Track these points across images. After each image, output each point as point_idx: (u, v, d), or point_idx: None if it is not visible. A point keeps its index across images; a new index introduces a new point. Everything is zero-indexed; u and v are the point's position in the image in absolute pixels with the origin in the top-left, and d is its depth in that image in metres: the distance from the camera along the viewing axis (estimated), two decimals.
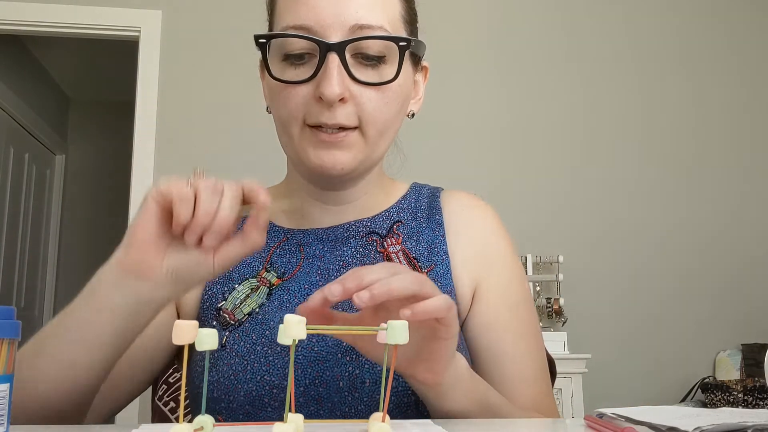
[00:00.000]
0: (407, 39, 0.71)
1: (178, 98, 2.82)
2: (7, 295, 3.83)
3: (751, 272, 2.90)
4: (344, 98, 0.69)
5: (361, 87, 0.70)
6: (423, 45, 0.77)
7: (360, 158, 0.72)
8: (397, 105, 0.74)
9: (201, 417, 0.52)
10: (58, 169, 4.71)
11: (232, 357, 0.72)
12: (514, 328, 0.78)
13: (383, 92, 0.71)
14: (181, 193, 0.56)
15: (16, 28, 2.87)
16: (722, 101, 3.03)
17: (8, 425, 0.50)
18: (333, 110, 0.69)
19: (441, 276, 0.78)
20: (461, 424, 0.61)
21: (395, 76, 0.71)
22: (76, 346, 0.60)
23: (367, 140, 0.72)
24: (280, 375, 0.70)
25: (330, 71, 0.68)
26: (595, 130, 2.96)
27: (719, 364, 2.78)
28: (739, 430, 0.48)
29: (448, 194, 0.87)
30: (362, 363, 0.70)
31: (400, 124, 0.78)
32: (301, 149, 0.72)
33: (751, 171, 2.99)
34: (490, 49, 2.98)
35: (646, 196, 2.92)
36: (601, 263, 2.84)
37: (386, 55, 0.71)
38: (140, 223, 0.57)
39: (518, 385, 0.76)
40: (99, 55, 4.09)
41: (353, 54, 0.70)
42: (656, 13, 3.06)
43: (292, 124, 0.72)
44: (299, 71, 0.71)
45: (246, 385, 0.70)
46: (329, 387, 0.70)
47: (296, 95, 0.70)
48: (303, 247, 0.79)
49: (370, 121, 0.71)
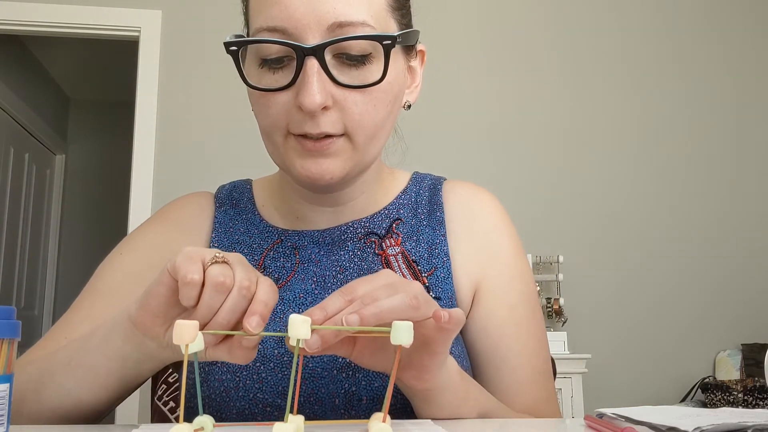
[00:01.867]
0: (391, 37, 0.64)
1: (178, 98, 2.82)
2: (7, 295, 3.83)
3: (750, 272, 2.90)
4: (327, 106, 0.64)
5: (345, 90, 0.64)
6: (414, 33, 0.70)
7: (349, 165, 0.68)
8: (386, 106, 0.68)
9: (201, 417, 0.52)
10: (58, 169, 4.71)
11: (223, 373, 0.69)
12: (511, 331, 0.75)
13: (370, 94, 0.65)
14: (186, 278, 0.51)
15: (16, 28, 2.87)
16: (720, 101, 3.03)
17: (8, 425, 0.50)
18: (316, 119, 0.64)
19: (442, 280, 0.75)
20: (461, 424, 0.61)
21: (381, 78, 0.64)
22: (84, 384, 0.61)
23: (356, 146, 0.67)
24: (273, 392, 0.67)
25: (309, 78, 0.62)
26: (595, 129, 2.96)
27: (719, 364, 2.78)
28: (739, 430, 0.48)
29: (450, 186, 0.82)
30: (359, 380, 0.67)
31: (394, 122, 0.73)
32: (287, 159, 0.68)
33: (752, 171, 2.99)
34: (489, 48, 2.98)
35: (646, 196, 2.92)
36: (601, 263, 2.84)
37: (372, 53, 0.65)
38: (153, 291, 0.54)
39: (514, 390, 0.73)
40: (99, 55, 4.09)
41: (335, 54, 0.64)
42: (656, 10, 3.06)
43: (275, 134, 0.67)
44: (278, 76, 0.65)
45: (238, 402, 0.67)
46: (324, 405, 0.67)
47: (277, 103, 0.65)
48: (298, 250, 0.76)
49: (357, 127, 0.66)
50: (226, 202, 0.83)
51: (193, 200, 0.84)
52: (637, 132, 2.97)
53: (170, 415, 1.03)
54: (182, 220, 0.81)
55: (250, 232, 0.79)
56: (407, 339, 0.48)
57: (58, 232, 4.63)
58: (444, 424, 0.58)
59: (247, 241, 0.78)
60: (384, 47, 0.64)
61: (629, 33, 3.03)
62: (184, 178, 2.75)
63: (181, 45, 2.85)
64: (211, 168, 2.75)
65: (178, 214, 0.82)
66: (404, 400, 0.69)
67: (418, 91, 0.76)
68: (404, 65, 0.72)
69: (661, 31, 3.04)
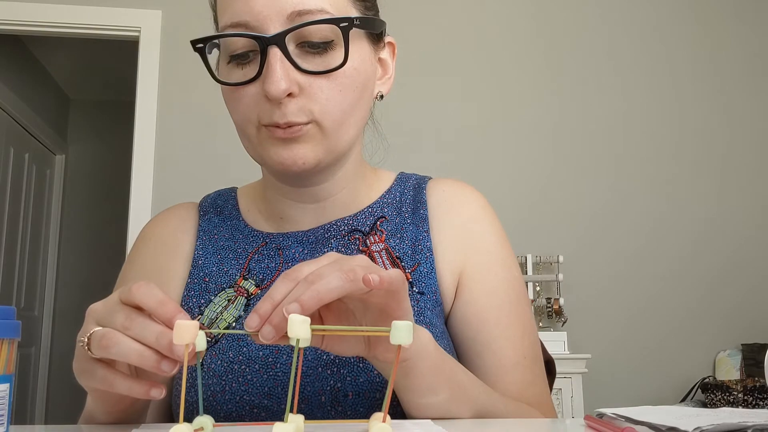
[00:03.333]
0: (348, 19, 0.66)
1: (178, 98, 2.82)
2: (7, 295, 3.83)
3: (750, 272, 2.90)
4: (292, 93, 0.65)
5: (309, 77, 0.66)
6: (378, 21, 0.73)
7: (321, 151, 0.69)
8: (352, 92, 0.69)
9: (201, 417, 0.52)
10: (58, 169, 4.71)
11: (209, 377, 0.69)
12: (491, 315, 0.74)
13: (335, 79, 0.67)
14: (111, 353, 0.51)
15: (16, 28, 2.87)
16: (723, 100, 3.03)
17: (8, 425, 0.50)
18: (283, 107, 0.66)
19: (425, 275, 0.75)
20: (461, 424, 0.61)
21: (343, 62, 0.66)
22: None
23: (325, 132, 0.68)
24: (259, 394, 0.68)
25: (272, 67, 0.64)
26: (595, 129, 2.96)
27: (719, 364, 2.78)
28: (739, 430, 0.48)
29: (433, 184, 0.83)
30: (344, 376, 0.68)
31: (366, 109, 0.73)
32: (261, 150, 0.70)
33: (752, 172, 2.99)
34: (490, 46, 2.98)
35: (647, 197, 2.92)
36: (601, 263, 2.84)
37: (333, 40, 0.67)
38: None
39: (498, 374, 0.72)
40: (99, 55, 4.09)
41: (298, 44, 0.66)
42: (645, 9, 3.06)
43: (247, 127, 0.69)
44: (246, 71, 0.68)
45: (225, 406, 0.67)
46: (311, 402, 0.67)
47: (245, 96, 0.68)
48: (282, 250, 0.76)
49: (324, 112, 0.67)
50: (210, 210, 0.84)
51: (173, 214, 0.85)
52: (638, 132, 2.97)
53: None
54: (164, 237, 0.82)
55: (235, 237, 0.80)
56: (407, 339, 0.48)
57: (58, 232, 4.63)
58: (444, 424, 0.58)
59: (231, 246, 0.79)
60: (342, 29, 0.66)
61: (633, 36, 3.03)
62: (183, 178, 2.75)
63: (181, 45, 2.84)
64: (211, 168, 2.75)
65: (161, 230, 0.83)
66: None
67: (391, 82, 0.78)
68: (371, 55, 0.73)
69: (667, 36, 3.05)
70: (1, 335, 0.49)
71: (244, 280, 0.75)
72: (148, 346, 0.49)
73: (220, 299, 0.75)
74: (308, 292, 0.49)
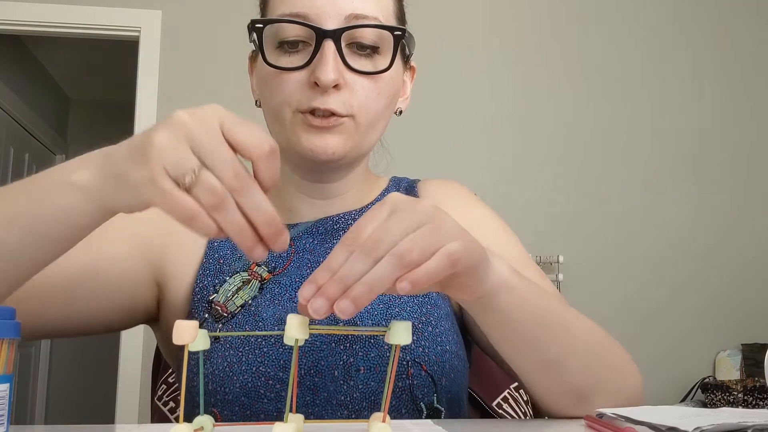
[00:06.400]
0: (402, 29, 0.73)
1: (178, 98, 2.82)
2: None
3: (751, 272, 2.90)
4: (338, 84, 0.70)
5: (354, 75, 0.72)
6: (414, 40, 0.79)
7: (350, 145, 0.73)
8: (387, 97, 0.75)
9: (201, 417, 0.52)
10: None
11: (226, 349, 0.71)
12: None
13: (376, 82, 0.73)
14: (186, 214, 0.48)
15: (16, 28, 2.87)
16: (725, 105, 3.03)
17: (8, 425, 0.50)
18: (326, 96, 0.70)
19: None
20: (461, 424, 0.61)
21: (389, 65, 0.72)
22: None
23: (358, 128, 0.73)
24: (275, 366, 0.70)
25: (326, 57, 0.69)
26: (596, 130, 2.95)
27: (719, 364, 2.78)
28: (739, 430, 0.48)
29: (422, 184, 0.87)
30: (356, 351, 0.70)
31: (389, 118, 0.79)
32: (292, 134, 0.73)
33: (752, 172, 2.99)
34: (490, 45, 2.98)
35: (647, 197, 2.92)
36: (601, 263, 2.84)
37: (380, 46, 0.73)
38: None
39: None
40: (99, 55, 4.09)
41: (348, 44, 0.71)
42: (666, 13, 3.06)
43: (284, 110, 0.72)
44: (293, 59, 0.72)
45: (241, 377, 0.69)
46: (325, 376, 0.69)
47: (289, 81, 0.71)
48: (293, 240, 0.79)
49: (362, 110, 0.72)
50: None
51: None
52: (638, 133, 2.97)
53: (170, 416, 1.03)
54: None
55: None
56: (405, 339, 0.48)
57: None
58: (444, 424, 0.58)
59: None
60: (394, 37, 0.73)
61: (636, 38, 3.03)
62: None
63: (181, 45, 2.85)
64: None
65: None
66: (404, 400, 0.69)
67: (407, 103, 0.83)
68: (402, 72, 0.79)
69: (669, 36, 3.04)
70: (1, 335, 0.49)
71: (258, 266, 0.78)
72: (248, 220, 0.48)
73: (235, 280, 0.77)
74: (359, 287, 0.47)
